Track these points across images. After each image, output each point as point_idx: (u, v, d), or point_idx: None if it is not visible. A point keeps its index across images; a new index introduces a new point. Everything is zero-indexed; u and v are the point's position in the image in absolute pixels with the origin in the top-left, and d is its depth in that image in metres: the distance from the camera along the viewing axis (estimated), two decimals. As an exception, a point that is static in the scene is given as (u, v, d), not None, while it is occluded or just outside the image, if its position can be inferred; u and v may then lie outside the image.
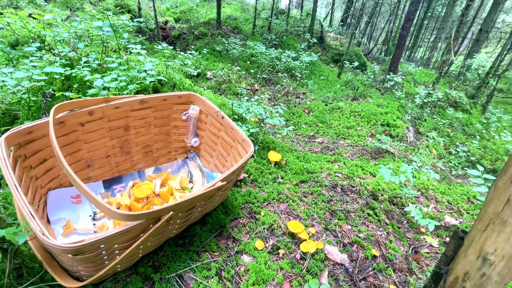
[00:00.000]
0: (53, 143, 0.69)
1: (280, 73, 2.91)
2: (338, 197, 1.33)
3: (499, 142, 2.10)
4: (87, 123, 1.01)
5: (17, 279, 0.73)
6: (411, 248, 1.10)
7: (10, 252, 0.70)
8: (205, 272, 0.89)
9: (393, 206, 1.32)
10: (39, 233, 0.57)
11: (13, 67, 1.48)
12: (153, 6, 3.37)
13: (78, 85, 1.38)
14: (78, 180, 0.61)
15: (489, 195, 0.54)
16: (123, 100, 1.07)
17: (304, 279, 0.91)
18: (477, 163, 1.82)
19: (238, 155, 1.10)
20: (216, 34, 3.60)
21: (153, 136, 1.26)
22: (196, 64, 2.59)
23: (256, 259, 0.95)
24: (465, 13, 2.91)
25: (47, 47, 1.79)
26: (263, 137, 1.69)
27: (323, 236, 1.10)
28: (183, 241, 0.99)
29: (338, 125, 2.18)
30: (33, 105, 1.29)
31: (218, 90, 2.34)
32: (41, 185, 0.93)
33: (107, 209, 0.60)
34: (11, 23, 1.42)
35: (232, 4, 6.17)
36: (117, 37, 1.56)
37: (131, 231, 0.65)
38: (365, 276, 0.96)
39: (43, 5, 3.36)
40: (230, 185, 1.01)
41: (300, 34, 4.73)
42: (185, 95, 1.25)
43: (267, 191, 1.28)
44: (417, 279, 0.97)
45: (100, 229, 0.95)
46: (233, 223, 1.10)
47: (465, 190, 1.49)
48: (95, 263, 0.68)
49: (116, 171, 1.17)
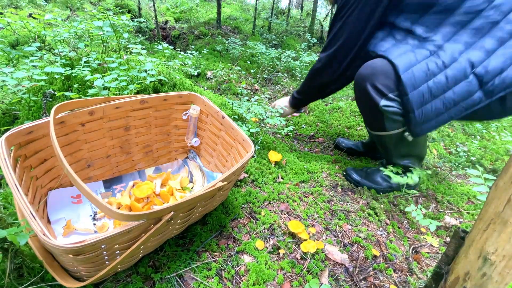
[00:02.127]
0: (54, 143, 0.69)
1: (280, 73, 2.91)
2: (339, 197, 1.33)
3: (499, 142, 2.11)
4: (87, 123, 1.01)
5: (17, 279, 0.73)
6: (411, 248, 1.10)
7: (10, 252, 0.70)
8: (205, 272, 0.89)
9: (393, 206, 1.32)
10: (40, 233, 0.57)
11: (13, 67, 1.48)
12: (153, 6, 3.37)
13: (78, 85, 1.38)
14: (78, 180, 0.61)
15: (489, 195, 0.54)
16: (124, 100, 1.08)
17: (305, 279, 0.91)
18: (477, 163, 1.82)
19: (239, 155, 1.11)
20: (216, 34, 3.60)
21: (154, 136, 1.26)
22: (196, 64, 2.59)
23: (256, 259, 0.95)
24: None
25: (47, 47, 1.79)
26: (263, 137, 1.69)
27: (324, 236, 1.10)
28: (183, 241, 0.99)
29: (338, 125, 2.18)
30: (34, 105, 1.29)
31: (218, 90, 2.34)
32: (42, 185, 0.93)
33: (108, 209, 0.60)
34: (11, 23, 1.42)
35: (232, 4, 6.17)
36: (118, 37, 1.56)
37: (131, 231, 0.65)
38: (365, 276, 0.96)
39: (43, 5, 3.36)
40: (230, 185, 1.01)
41: (300, 34, 4.73)
42: (186, 95, 1.25)
43: (268, 191, 1.28)
44: (418, 279, 0.97)
45: (100, 229, 0.95)
46: (233, 223, 1.10)
47: (465, 190, 1.49)
48: (96, 263, 0.68)
49: (116, 171, 1.18)
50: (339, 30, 1.24)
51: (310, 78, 1.46)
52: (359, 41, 1.23)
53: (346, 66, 1.31)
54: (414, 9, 1.11)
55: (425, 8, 1.08)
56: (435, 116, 1.06)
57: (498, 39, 0.98)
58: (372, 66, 1.13)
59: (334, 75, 1.36)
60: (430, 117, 1.07)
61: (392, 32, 1.17)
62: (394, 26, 1.17)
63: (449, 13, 1.05)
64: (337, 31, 1.25)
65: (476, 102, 1.01)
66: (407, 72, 1.03)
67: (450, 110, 1.04)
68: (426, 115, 1.05)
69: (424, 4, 1.08)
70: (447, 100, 1.02)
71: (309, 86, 1.49)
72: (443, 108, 1.04)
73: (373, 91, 1.12)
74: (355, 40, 1.23)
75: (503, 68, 0.97)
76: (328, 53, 1.31)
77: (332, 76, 1.36)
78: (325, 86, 1.44)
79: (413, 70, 1.02)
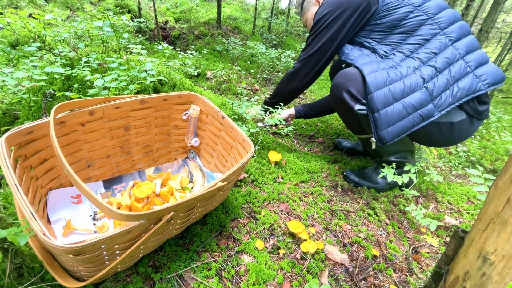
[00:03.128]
0: (54, 143, 0.69)
1: (280, 73, 2.91)
2: (339, 197, 1.33)
3: (499, 142, 2.11)
4: (87, 123, 1.01)
5: (17, 279, 0.73)
6: (411, 248, 1.10)
7: (11, 252, 0.70)
8: (205, 272, 0.89)
9: (393, 206, 1.32)
10: (40, 233, 0.57)
11: (13, 67, 1.48)
12: (153, 6, 3.37)
13: (78, 85, 1.38)
14: (78, 180, 0.61)
15: (489, 195, 0.54)
16: (124, 100, 1.08)
17: (305, 279, 0.91)
18: (477, 163, 1.82)
19: (239, 155, 1.11)
20: (216, 34, 3.60)
21: (154, 136, 1.26)
22: (196, 64, 2.59)
23: (256, 259, 0.95)
24: (465, 13, 2.91)
25: (47, 47, 1.79)
26: (263, 137, 1.69)
27: (323, 236, 1.10)
28: (183, 241, 0.99)
29: (338, 125, 2.18)
30: (34, 105, 1.29)
31: (218, 90, 2.34)
32: (42, 185, 0.93)
33: (108, 209, 0.60)
34: (11, 23, 1.42)
35: (232, 4, 6.17)
36: (118, 37, 1.56)
37: (132, 231, 0.65)
38: (365, 276, 0.96)
39: (43, 5, 3.36)
40: (230, 185, 1.01)
41: (300, 34, 4.73)
42: (186, 95, 1.25)
43: (267, 191, 1.28)
44: (418, 279, 0.97)
45: (100, 229, 0.95)
46: (233, 223, 1.10)
47: (465, 190, 1.49)
48: (96, 263, 0.68)
49: (116, 171, 1.18)
50: (312, 41, 1.45)
51: (284, 81, 1.62)
52: (329, 50, 1.41)
53: (315, 72, 1.50)
54: (381, 29, 1.30)
55: (390, 29, 1.28)
56: (398, 119, 1.15)
57: (446, 61, 1.16)
58: (346, 75, 1.25)
59: (304, 80, 1.54)
60: (393, 120, 1.15)
61: (361, 48, 1.35)
62: (362, 45, 1.35)
63: (409, 34, 1.25)
64: (310, 42, 1.46)
65: (431, 113, 1.15)
66: (370, 75, 1.18)
67: (411, 116, 1.16)
68: (389, 116, 1.15)
69: (390, 25, 1.27)
70: (407, 104, 1.15)
71: (282, 88, 1.65)
72: (404, 111, 1.15)
73: (348, 97, 1.23)
74: (326, 49, 1.41)
75: (447, 86, 1.15)
76: (301, 59, 1.51)
77: (303, 80, 1.55)
78: (296, 89, 1.61)
79: (375, 74, 1.18)
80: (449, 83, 1.15)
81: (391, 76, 1.17)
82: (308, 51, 1.46)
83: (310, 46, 1.46)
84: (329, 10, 1.36)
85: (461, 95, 1.14)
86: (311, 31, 1.46)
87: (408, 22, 1.24)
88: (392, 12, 1.26)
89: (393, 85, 1.16)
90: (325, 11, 1.37)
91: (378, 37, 1.31)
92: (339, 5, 1.33)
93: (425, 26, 1.22)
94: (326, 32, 1.38)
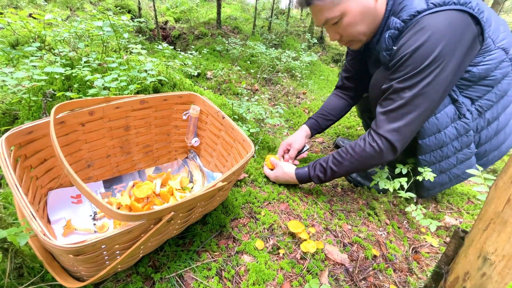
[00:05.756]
0: (54, 143, 0.69)
1: (280, 73, 2.91)
2: (339, 197, 1.33)
3: (499, 142, 2.10)
4: (87, 123, 1.01)
5: (17, 279, 0.73)
6: (411, 248, 1.10)
7: (10, 252, 0.70)
8: (205, 272, 0.89)
9: (393, 206, 1.32)
10: (40, 233, 0.57)
11: (13, 67, 1.48)
12: (153, 6, 3.37)
13: (78, 85, 1.38)
14: (78, 180, 0.61)
15: (489, 195, 0.54)
16: (124, 100, 1.08)
17: (305, 279, 0.91)
18: (477, 163, 1.81)
19: (239, 155, 1.11)
20: (216, 34, 3.60)
21: (154, 136, 1.26)
22: (196, 64, 2.59)
23: (256, 259, 0.95)
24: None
25: (47, 47, 1.79)
26: (263, 137, 1.69)
27: (323, 236, 1.10)
28: (183, 241, 0.99)
29: (338, 125, 2.18)
30: (34, 105, 1.29)
31: (218, 90, 2.34)
32: (42, 185, 0.93)
33: (108, 209, 0.60)
34: (11, 23, 1.42)
35: (232, 4, 6.17)
36: (118, 37, 1.56)
37: (132, 231, 0.65)
38: (365, 276, 0.96)
39: (43, 5, 3.36)
40: (230, 185, 1.01)
41: (300, 34, 4.73)
42: (186, 95, 1.25)
43: (267, 191, 1.28)
44: (418, 279, 0.97)
45: (100, 229, 0.95)
46: (233, 223, 1.10)
47: (465, 190, 1.49)
48: (96, 263, 0.68)
49: (116, 171, 1.18)
50: (412, 99, 0.93)
51: (357, 162, 1.10)
52: (431, 115, 1.01)
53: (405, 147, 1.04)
54: (467, 77, 0.99)
55: (479, 79, 0.99)
56: (439, 186, 1.21)
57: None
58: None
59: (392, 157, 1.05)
60: (434, 186, 1.20)
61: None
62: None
63: (491, 88, 1.01)
64: (408, 100, 0.93)
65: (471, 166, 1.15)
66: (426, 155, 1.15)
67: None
68: (432, 184, 1.20)
69: (483, 75, 0.97)
70: (452, 175, 1.19)
71: (351, 170, 1.16)
72: (447, 178, 1.20)
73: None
74: (429, 113, 0.98)
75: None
76: (391, 128, 0.98)
77: (392, 157, 1.05)
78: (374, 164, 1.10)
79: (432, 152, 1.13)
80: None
81: (448, 150, 1.07)
82: (404, 114, 0.95)
83: (407, 105, 0.94)
84: (443, 43, 0.86)
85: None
86: (403, 80, 0.92)
87: (495, 75, 0.97)
88: (486, 58, 0.94)
89: (445, 161, 1.11)
90: (437, 44, 0.86)
91: (462, 84, 1.00)
92: (452, 35, 0.86)
93: (507, 79, 0.99)
94: (435, 84, 0.90)
